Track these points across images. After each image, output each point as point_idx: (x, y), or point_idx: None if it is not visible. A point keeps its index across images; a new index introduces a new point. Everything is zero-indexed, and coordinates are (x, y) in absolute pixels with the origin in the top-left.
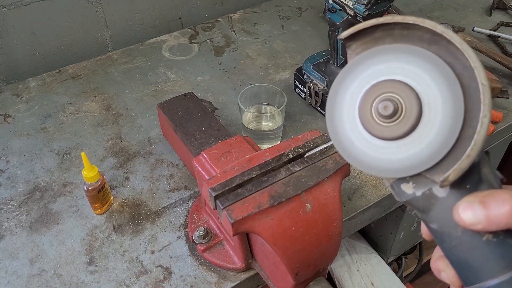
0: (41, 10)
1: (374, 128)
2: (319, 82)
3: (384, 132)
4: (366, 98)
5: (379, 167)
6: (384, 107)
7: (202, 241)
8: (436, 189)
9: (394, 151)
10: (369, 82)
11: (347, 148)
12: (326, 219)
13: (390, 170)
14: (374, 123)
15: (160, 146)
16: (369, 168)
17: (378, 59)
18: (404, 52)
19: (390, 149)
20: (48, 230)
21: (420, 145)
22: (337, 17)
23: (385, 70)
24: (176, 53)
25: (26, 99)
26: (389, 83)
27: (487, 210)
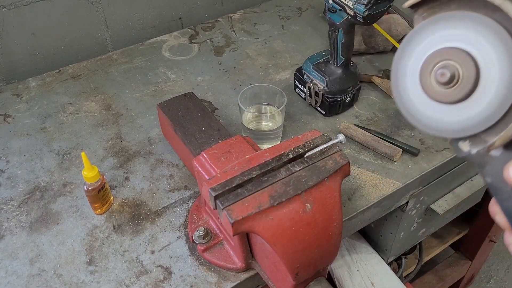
0: (41, 10)
1: (433, 92)
2: (319, 82)
3: (442, 96)
4: (427, 64)
5: (439, 127)
6: (442, 74)
7: (202, 241)
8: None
9: (452, 114)
10: (432, 48)
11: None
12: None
13: (448, 130)
14: (433, 88)
15: (160, 146)
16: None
17: (442, 25)
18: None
19: (449, 111)
20: (48, 230)
21: (475, 110)
22: (337, 17)
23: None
24: (176, 53)
25: (26, 99)
26: (449, 50)
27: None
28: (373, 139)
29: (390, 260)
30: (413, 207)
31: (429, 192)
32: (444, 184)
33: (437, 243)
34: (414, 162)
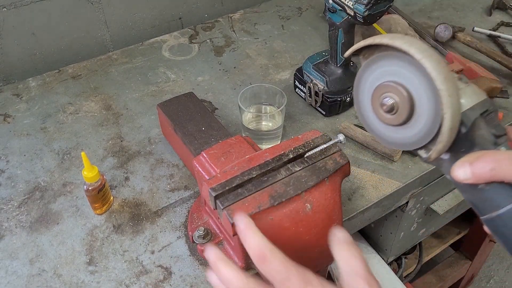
0: (41, 10)
1: (382, 116)
2: (319, 82)
3: (388, 120)
4: (374, 96)
5: (393, 142)
6: (384, 104)
7: (202, 241)
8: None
9: (399, 132)
10: (376, 82)
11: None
12: (326, 219)
13: (400, 144)
14: (381, 114)
15: (160, 146)
16: (387, 143)
17: (380, 63)
18: (396, 58)
19: (396, 131)
20: (48, 230)
21: (415, 129)
22: (337, 17)
23: (386, 72)
24: (176, 53)
25: (26, 99)
26: (388, 85)
27: (473, 169)
28: (373, 139)
29: (390, 260)
30: (413, 207)
31: (429, 192)
32: (444, 184)
33: (437, 243)
34: (414, 162)
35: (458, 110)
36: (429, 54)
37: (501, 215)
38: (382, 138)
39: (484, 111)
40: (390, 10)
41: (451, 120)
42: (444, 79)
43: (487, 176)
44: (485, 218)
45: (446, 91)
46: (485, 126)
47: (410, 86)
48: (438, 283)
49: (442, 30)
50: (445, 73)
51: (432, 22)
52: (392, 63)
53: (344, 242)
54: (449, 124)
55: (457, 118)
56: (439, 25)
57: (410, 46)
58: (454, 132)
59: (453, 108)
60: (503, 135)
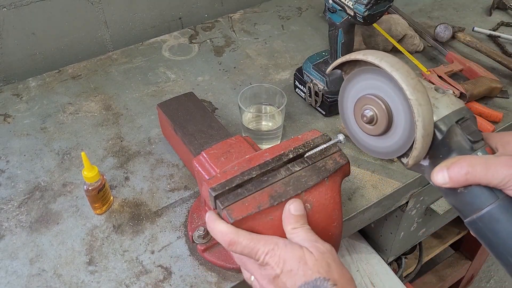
0: (41, 10)
1: (363, 127)
2: (319, 82)
3: (368, 131)
4: (356, 108)
5: (379, 152)
6: (363, 116)
7: (202, 241)
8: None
9: (379, 142)
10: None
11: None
12: (326, 219)
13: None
14: (363, 125)
15: (160, 146)
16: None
17: (359, 77)
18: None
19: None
20: (48, 230)
21: (395, 138)
22: (337, 17)
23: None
24: (176, 53)
25: (26, 99)
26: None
27: (450, 174)
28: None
29: (390, 260)
30: (413, 207)
31: (429, 192)
32: None
33: (437, 243)
34: None
35: (429, 118)
36: (399, 67)
37: (481, 217)
38: (366, 147)
39: (460, 118)
40: (390, 10)
41: (423, 128)
42: (413, 89)
43: (463, 180)
44: (468, 221)
45: (416, 101)
46: (461, 133)
47: (387, 98)
48: (438, 283)
49: (442, 30)
50: (414, 84)
51: (432, 22)
52: (370, 77)
53: None
54: (421, 132)
55: (429, 125)
56: (439, 25)
57: (381, 61)
58: (428, 139)
59: (424, 116)
60: (479, 140)
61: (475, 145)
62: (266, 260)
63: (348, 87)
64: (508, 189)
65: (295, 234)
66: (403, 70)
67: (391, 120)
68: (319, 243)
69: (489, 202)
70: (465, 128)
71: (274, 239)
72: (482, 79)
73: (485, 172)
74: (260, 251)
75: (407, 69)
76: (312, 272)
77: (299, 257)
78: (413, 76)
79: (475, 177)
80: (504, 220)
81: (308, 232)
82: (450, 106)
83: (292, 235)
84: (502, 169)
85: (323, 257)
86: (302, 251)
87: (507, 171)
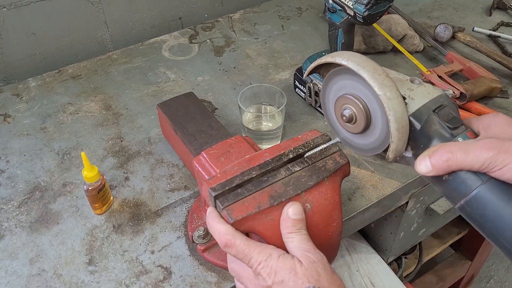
0: (41, 10)
1: (345, 126)
2: (319, 82)
3: (349, 129)
4: (336, 107)
5: (363, 149)
6: (343, 116)
7: (202, 241)
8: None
9: (360, 139)
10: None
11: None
12: (326, 219)
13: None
14: (344, 123)
15: (160, 146)
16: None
17: (335, 79)
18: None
19: (358, 138)
20: (48, 230)
21: (376, 135)
22: (337, 17)
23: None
24: (176, 53)
25: (26, 99)
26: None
27: (432, 162)
28: None
29: (390, 260)
30: (413, 207)
31: (429, 192)
32: None
33: (437, 243)
34: None
35: (401, 111)
36: (365, 64)
37: (468, 201)
38: (352, 146)
39: (438, 106)
40: (390, 10)
41: (395, 121)
42: (381, 85)
43: (445, 167)
44: (457, 207)
45: (384, 96)
46: (439, 121)
47: (363, 96)
48: (438, 283)
49: (442, 30)
50: (382, 80)
51: (432, 22)
52: (344, 77)
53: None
54: (394, 125)
55: (402, 118)
56: (439, 25)
57: (348, 61)
58: (403, 132)
59: (395, 109)
60: (459, 126)
61: (455, 131)
62: (258, 270)
63: (327, 89)
64: (491, 171)
65: (290, 239)
66: (370, 68)
67: (369, 118)
68: (310, 252)
69: (474, 186)
70: (443, 115)
71: (269, 249)
72: (482, 79)
73: (465, 157)
74: (253, 260)
75: (373, 65)
76: (302, 281)
77: (290, 267)
78: (380, 72)
79: (456, 163)
80: (491, 203)
81: (302, 239)
82: (426, 95)
83: (287, 239)
84: (482, 153)
85: (313, 267)
86: (293, 262)
87: (487, 153)
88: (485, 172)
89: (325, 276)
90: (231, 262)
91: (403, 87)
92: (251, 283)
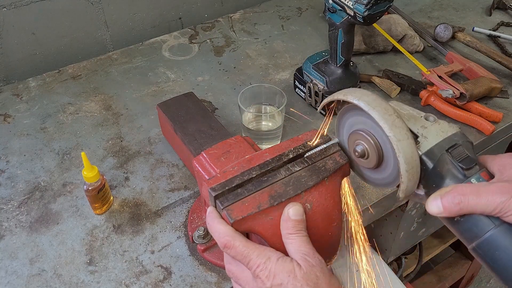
0: (41, 10)
1: (358, 160)
2: (319, 82)
3: (362, 164)
4: (349, 142)
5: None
6: (355, 151)
7: (202, 241)
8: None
9: (374, 174)
10: (349, 130)
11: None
12: (326, 219)
13: (384, 184)
14: (357, 158)
15: (160, 146)
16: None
17: (348, 114)
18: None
19: (371, 172)
20: (48, 230)
21: (388, 171)
22: (337, 17)
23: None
24: (176, 53)
25: (26, 99)
26: (357, 133)
27: (444, 203)
28: None
29: (390, 260)
30: (413, 207)
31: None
32: None
33: (437, 243)
34: None
35: (411, 152)
36: (376, 105)
37: (479, 244)
38: (367, 180)
39: (452, 145)
40: (390, 10)
41: (405, 163)
42: (391, 126)
43: (456, 210)
44: (470, 249)
45: (394, 137)
46: (452, 160)
47: (376, 133)
48: (438, 283)
49: (442, 30)
50: (392, 121)
51: (432, 22)
52: (357, 113)
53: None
54: (404, 167)
55: (412, 159)
56: (439, 25)
57: (359, 100)
58: (413, 172)
59: (405, 151)
60: (472, 167)
61: (468, 172)
62: (257, 272)
63: (341, 123)
64: (504, 216)
65: (290, 240)
66: (380, 108)
67: (382, 154)
68: (309, 256)
69: (486, 229)
70: (456, 155)
71: (268, 252)
72: (482, 79)
73: (478, 201)
74: (252, 262)
75: (384, 106)
76: (301, 284)
77: (289, 270)
78: (391, 112)
79: (468, 206)
80: (503, 246)
81: (302, 242)
82: (440, 134)
83: (286, 240)
84: (495, 197)
85: (312, 270)
86: (292, 265)
87: (500, 198)
88: (497, 216)
89: (324, 279)
90: (228, 263)
91: (417, 125)
92: (249, 285)
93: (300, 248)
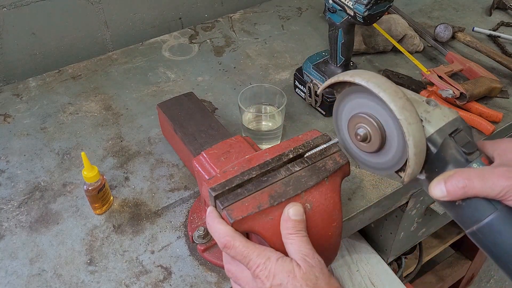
0: (41, 10)
1: (358, 144)
2: (319, 82)
3: (363, 148)
4: (350, 125)
5: (376, 168)
6: (357, 134)
7: (202, 241)
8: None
9: (374, 158)
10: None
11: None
12: (326, 219)
13: (383, 169)
14: (357, 142)
15: (160, 146)
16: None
17: (350, 97)
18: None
19: (371, 157)
20: (48, 230)
21: (390, 155)
22: (337, 17)
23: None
24: (176, 53)
25: (26, 99)
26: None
27: (447, 187)
28: None
29: (390, 260)
30: (413, 207)
31: None
32: None
33: (437, 243)
34: None
35: (420, 136)
36: (386, 87)
37: (480, 228)
38: (364, 164)
39: (454, 130)
40: (390, 10)
41: (414, 146)
42: (401, 109)
43: (461, 193)
44: (468, 232)
45: (405, 120)
46: (455, 145)
47: (379, 116)
48: (438, 283)
49: (442, 30)
50: (402, 104)
51: (432, 22)
52: (360, 96)
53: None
54: (413, 150)
55: (421, 143)
56: (439, 25)
57: (368, 82)
58: (421, 156)
59: (415, 134)
60: (474, 151)
61: (470, 157)
62: (257, 272)
63: (340, 106)
64: (506, 200)
65: (289, 240)
66: (391, 90)
67: (384, 137)
68: (309, 257)
69: (487, 213)
70: (459, 140)
71: (268, 252)
72: (482, 79)
73: (483, 185)
74: (252, 262)
75: (394, 88)
76: (301, 284)
77: (288, 270)
78: (401, 95)
79: (472, 190)
80: (504, 231)
81: (302, 242)
82: (443, 118)
83: (286, 241)
84: (499, 181)
85: (311, 270)
86: (292, 265)
87: (505, 182)
88: (500, 200)
89: (323, 279)
90: (228, 263)
91: (420, 109)
92: (249, 285)
93: (300, 248)
